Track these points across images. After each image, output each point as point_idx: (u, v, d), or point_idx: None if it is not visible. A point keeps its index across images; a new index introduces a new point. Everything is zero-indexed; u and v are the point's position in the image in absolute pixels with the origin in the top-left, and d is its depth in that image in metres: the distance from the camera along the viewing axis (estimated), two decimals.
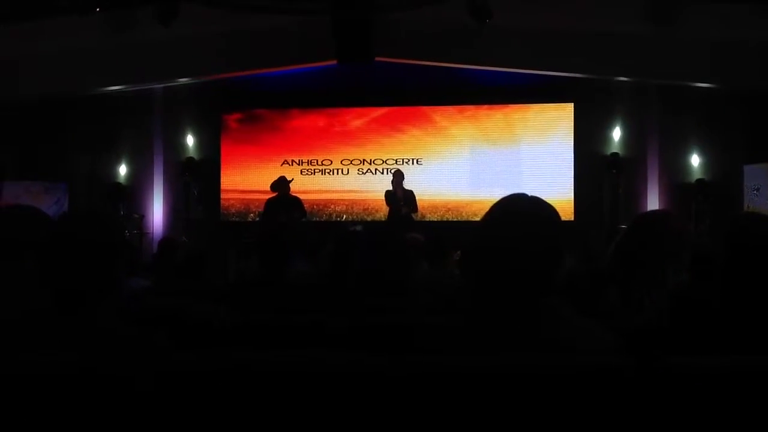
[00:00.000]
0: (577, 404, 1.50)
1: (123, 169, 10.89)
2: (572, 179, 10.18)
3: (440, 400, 1.51)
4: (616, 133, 10.12)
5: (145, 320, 1.98)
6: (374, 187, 10.38)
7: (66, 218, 1.94)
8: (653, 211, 4.44)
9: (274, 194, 9.21)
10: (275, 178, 9.41)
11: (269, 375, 1.54)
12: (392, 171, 9.62)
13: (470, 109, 10.61)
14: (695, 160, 9.83)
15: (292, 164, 10.74)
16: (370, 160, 10.70)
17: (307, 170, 10.73)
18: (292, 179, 9.49)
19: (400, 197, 9.06)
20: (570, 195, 10.11)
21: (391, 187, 9.18)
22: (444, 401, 1.51)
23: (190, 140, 10.86)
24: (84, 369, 1.53)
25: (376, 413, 1.51)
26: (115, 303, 1.78)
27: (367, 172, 10.69)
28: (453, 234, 5.38)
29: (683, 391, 1.51)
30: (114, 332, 1.69)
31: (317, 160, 10.76)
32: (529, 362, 1.53)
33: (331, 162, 10.75)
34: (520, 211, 1.72)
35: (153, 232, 10.60)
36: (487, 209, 1.75)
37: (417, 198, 9.30)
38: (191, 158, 10.80)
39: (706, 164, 9.80)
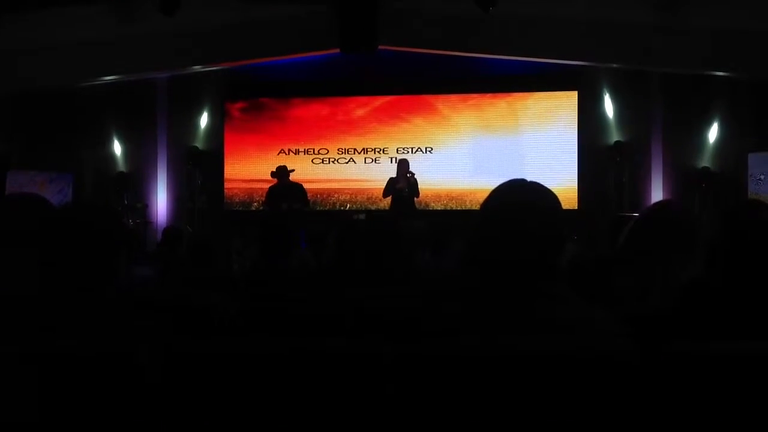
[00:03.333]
0: (582, 389, 1.51)
1: (127, 159, 10.91)
2: (576, 167, 10.17)
3: (444, 383, 1.52)
4: (620, 121, 10.09)
5: (149, 308, 1.99)
6: (378, 176, 10.38)
7: (67, 207, 1.96)
8: (667, 201, 4.43)
9: (275, 170, 9.32)
10: (279, 166, 9.45)
11: (269, 360, 1.56)
12: (397, 160, 9.65)
13: (473, 98, 10.58)
14: (700, 148, 9.80)
15: (297, 153, 10.74)
16: (373, 148, 10.69)
17: (311, 159, 10.73)
18: (293, 169, 9.51)
19: (402, 186, 9.08)
20: (574, 183, 10.10)
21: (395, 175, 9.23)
22: (448, 385, 1.52)
23: (193, 130, 10.86)
24: (86, 351, 1.55)
25: (378, 397, 1.52)
26: (116, 290, 1.80)
27: (370, 161, 10.69)
28: (456, 223, 5.39)
29: (689, 377, 1.52)
30: (115, 317, 1.71)
31: (320, 149, 10.75)
32: (534, 347, 1.54)
33: (335, 151, 10.75)
34: (519, 197, 1.72)
35: (157, 222, 10.62)
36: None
37: (420, 187, 9.32)
38: (195, 147, 10.81)
39: (711, 152, 9.77)
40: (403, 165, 9.25)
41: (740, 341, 1.60)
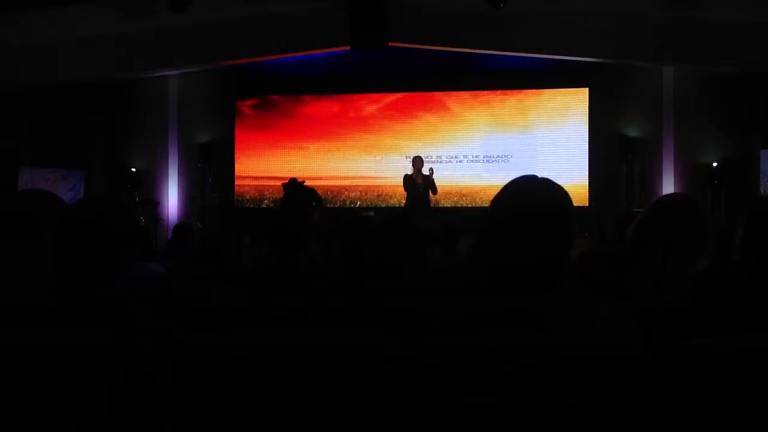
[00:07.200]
0: (592, 386, 1.50)
1: (138, 156, 10.95)
2: (587, 164, 10.14)
3: (451, 380, 1.51)
4: (631, 118, 10.05)
5: (159, 304, 2.00)
6: (388, 173, 10.38)
7: (80, 203, 1.96)
8: (674, 194, 4.42)
9: (287, 182, 9.29)
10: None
11: (276, 354, 1.56)
12: (412, 156, 9.56)
13: (484, 95, 10.57)
14: (712, 144, 9.75)
15: (307, 150, 10.75)
16: (384, 145, 10.69)
17: (321, 156, 10.74)
18: (303, 180, 9.43)
19: (420, 182, 9.00)
20: (585, 180, 10.07)
21: (410, 172, 9.15)
22: (458, 381, 1.51)
23: (204, 127, 10.90)
24: (92, 347, 1.55)
25: (386, 393, 1.52)
26: (126, 285, 1.80)
27: (380, 158, 10.69)
28: (467, 220, 5.38)
29: (700, 372, 1.51)
30: (123, 313, 1.71)
31: (331, 146, 10.76)
32: (542, 343, 1.53)
33: (345, 148, 10.75)
34: (529, 193, 1.71)
35: (168, 219, 10.67)
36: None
37: None
38: (206, 145, 10.85)
39: (723, 149, 9.72)
40: (418, 161, 9.10)
41: (754, 336, 1.59)
